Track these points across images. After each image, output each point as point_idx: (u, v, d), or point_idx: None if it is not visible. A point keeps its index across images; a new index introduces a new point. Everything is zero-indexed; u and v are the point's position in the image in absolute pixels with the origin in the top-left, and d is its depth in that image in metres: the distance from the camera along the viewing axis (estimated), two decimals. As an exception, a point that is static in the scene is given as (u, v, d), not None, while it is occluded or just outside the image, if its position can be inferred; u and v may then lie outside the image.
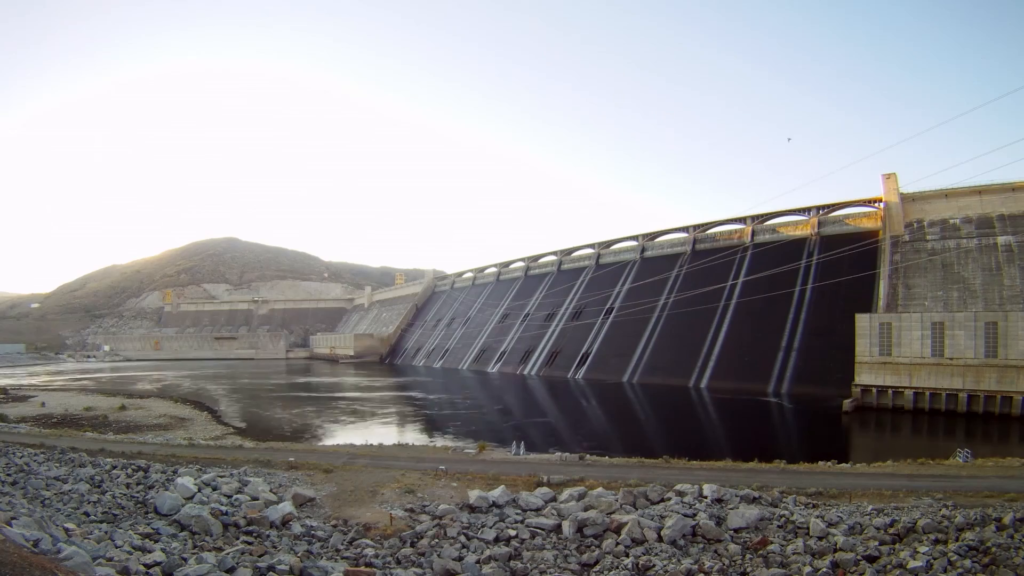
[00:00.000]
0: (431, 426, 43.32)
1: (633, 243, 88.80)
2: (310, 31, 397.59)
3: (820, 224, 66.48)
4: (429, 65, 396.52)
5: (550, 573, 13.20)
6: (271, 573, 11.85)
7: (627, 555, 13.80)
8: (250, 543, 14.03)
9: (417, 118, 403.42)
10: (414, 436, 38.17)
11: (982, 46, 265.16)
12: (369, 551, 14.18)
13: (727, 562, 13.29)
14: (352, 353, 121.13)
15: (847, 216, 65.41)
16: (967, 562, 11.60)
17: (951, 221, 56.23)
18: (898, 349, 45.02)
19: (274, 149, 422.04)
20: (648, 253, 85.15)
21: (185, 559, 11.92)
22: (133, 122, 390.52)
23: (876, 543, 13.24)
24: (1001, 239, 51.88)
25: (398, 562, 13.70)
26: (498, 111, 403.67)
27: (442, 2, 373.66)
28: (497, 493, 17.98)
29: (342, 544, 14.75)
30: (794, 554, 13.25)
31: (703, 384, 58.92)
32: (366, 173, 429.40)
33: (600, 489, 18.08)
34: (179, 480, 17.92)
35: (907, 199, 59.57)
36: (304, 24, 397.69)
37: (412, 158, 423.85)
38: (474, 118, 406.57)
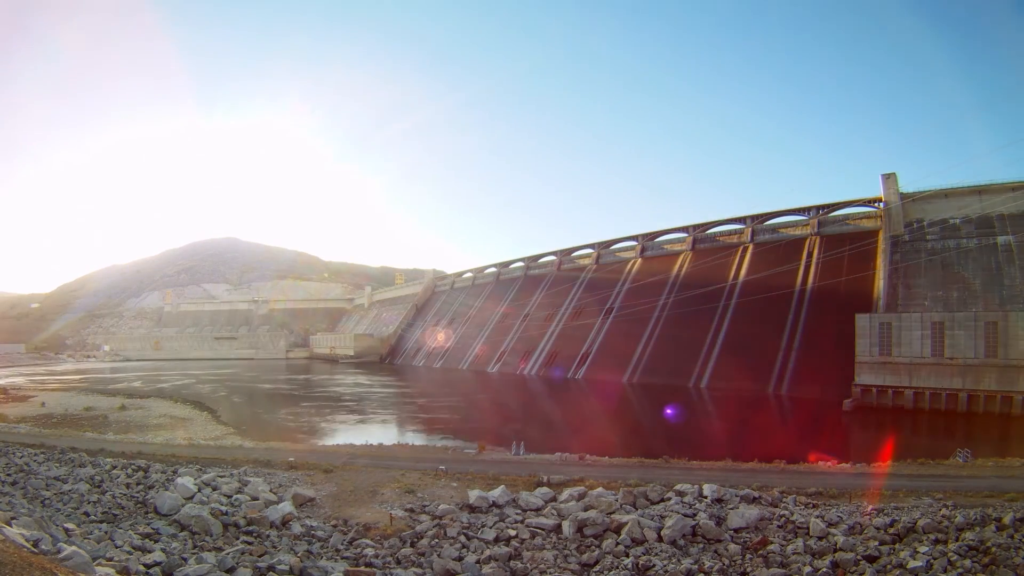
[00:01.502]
0: (431, 426, 43.31)
1: (633, 243, 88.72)
2: (310, 27, 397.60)
3: (820, 224, 66.45)
4: (428, 63, 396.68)
5: (550, 573, 13.20)
6: (271, 573, 11.87)
7: (627, 555, 13.81)
8: (250, 543, 14.05)
9: (417, 117, 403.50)
10: (414, 436, 38.16)
11: (982, 46, 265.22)
12: (369, 551, 14.18)
13: (727, 562, 13.29)
14: (352, 353, 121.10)
15: (847, 216, 65.37)
16: (967, 562, 11.61)
17: (951, 221, 56.20)
18: (898, 349, 45.02)
19: (274, 149, 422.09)
20: (648, 253, 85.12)
21: (185, 559, 11.95)
22: (133, 122, 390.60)
23: (876, 543, 13.24)
24: (1001, 239, 51.85)
25: (398, 562, 13.70)
26: (498, 111, 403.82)
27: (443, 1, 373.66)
28: (497, 493, 17.98)
29: (342, 544, 14.75)
30: (794, 554, 13.25)
31: (703, 384, 58.91)
32: (366, 173, 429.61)
33: (600, 489, 18.07)
34: (179, 480, 17.94)
35: (907, 199, 59.54)
36: (304, 20, 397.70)
37: (412, 158, 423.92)
38: (474, 118, 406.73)
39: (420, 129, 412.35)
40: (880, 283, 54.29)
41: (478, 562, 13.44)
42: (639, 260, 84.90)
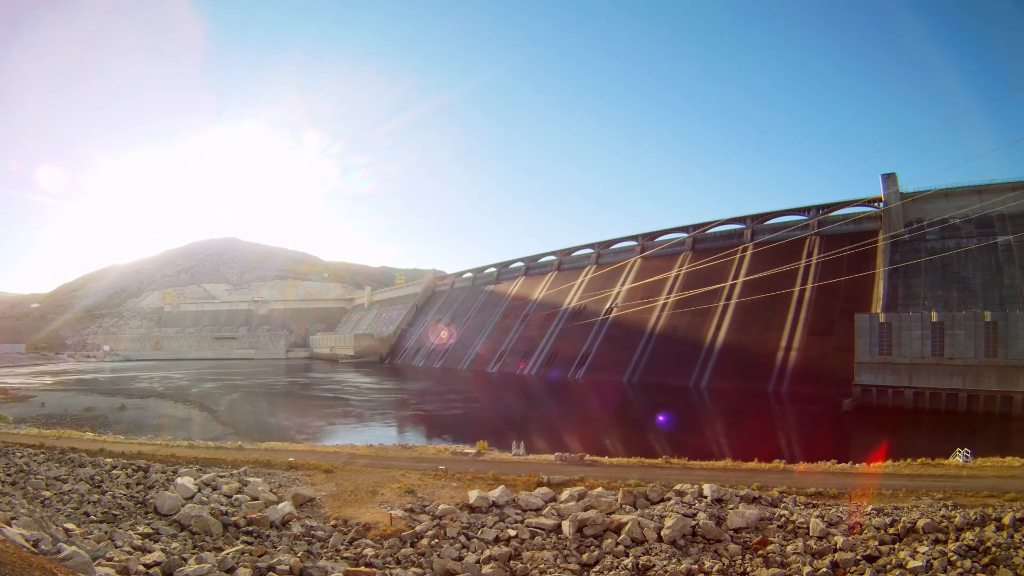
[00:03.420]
0: (431, 426, 43.33)
1: (633, 243, 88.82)
2: (310, 26, 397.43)
3: (820, 224, 66.49)
4: (427, 62, 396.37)
5: (550, 573, 13.20)
6: (271, 573, 11.89)
7: (627, 555, 13.82)
8: (250, 543, 14.06)
9: (416, 116, 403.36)
10: (414, 436, 38.21)
11: (982, 46, 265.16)
12: (369, 551, 14.18)
13: (727, 562, 13.30)
14: (352, 353, 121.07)
15: (847, 216, 65.43)
16: (967, 562, 11.62)
17: (951, 221, 56.22)
18: (898, 349, 45.02)
19: (273, 149, 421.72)
20: (648, 253, 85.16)
21: (185, 559, 11.96)
22: (133, 123, 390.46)
23: (876, 543, 13.25)
24: (1001, 239, 51.88)
25: (398, 562, 13.70)
26: (498, 110, 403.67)
27: None
28: (497, 493, 17.98)
29: (342, 544, 14.76)
30: (794, 554, 13.26)
31: (703, 383, 58.93)
32: (366, 172, 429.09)
33: (600, 489, 18.07)
34: (179, 480, 17.94)
35: (907, 199, 59.60)
36: (304, 20, 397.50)
37: (412, 157, 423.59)
38: (474, 117, 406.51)
39: (419, 128, 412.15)
40: (880, 283, 54.33)
41: (478, 562, 13.45)
42: (639, 260, 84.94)
